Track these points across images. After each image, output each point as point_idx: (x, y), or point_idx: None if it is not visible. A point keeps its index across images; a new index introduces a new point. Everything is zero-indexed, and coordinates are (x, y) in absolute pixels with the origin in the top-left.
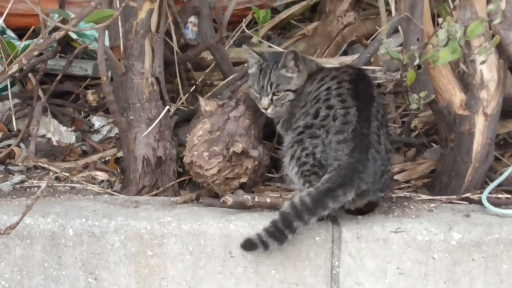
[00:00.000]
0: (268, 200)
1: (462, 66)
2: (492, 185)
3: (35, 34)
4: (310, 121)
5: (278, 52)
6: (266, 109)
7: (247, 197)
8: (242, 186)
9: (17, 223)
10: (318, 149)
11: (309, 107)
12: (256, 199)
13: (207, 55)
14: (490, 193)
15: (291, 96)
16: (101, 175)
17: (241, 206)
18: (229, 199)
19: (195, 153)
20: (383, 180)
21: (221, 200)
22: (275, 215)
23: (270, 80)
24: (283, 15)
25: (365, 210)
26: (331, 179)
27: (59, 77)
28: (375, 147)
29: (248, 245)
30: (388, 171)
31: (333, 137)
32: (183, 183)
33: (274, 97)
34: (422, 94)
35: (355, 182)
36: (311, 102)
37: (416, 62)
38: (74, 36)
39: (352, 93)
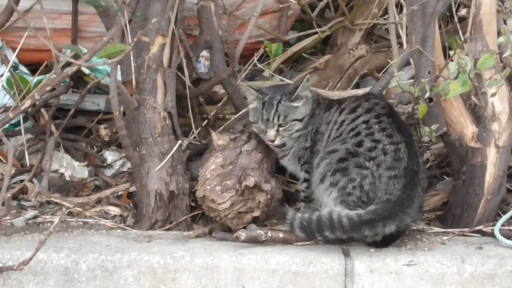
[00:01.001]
0: (281, 235)
1: (473, 98)
2: (505, 218)
3: (48, 69)
4: (353, 149)
5: (278, 85)
6: (272, 141)
7: (260, 232)
8: (254, 220)
9: (30, 259)
10: (367, 181)
11: (341, 137)
12: (269, 234)
13: (219, 89)
14: (502, 225)
15: (298, 125)
16: (114, 210)
17: (254, 241)
18: (242, 234)
19: (208, 187)
20: (420, 213)
21: (234, 236)
22: (288, 249)
23: (277, 112)
24: (295, 48)
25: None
26: (377, 211)
27: (71, 112)
28: (421, 184)
29: (281, 213)
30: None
31: (385, 172)
32: (196, 217)
33: (281, 128)
34: (434, 126)
35: (399, 217)
36: (344, 132)
37: (427, 95)
38: (86, 71)
39: (396, 127)
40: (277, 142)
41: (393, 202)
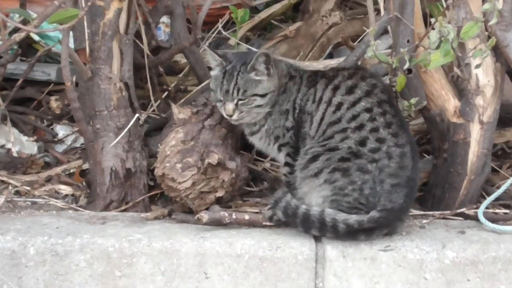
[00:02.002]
0: (247, 217)
1: (456, 70)
2: (489, 199)
3: None
4: (356, 148)
5: (243, 53)
6: (230, 116)
7: (224, 214)
8: (218, 201)
9: None
10: (367, 185)
11: (341, 124)
12: (234, 216)
13: (181, 58)
14: (486, 208)
15: (258, 101)
16: (65, 189)
17: (218, 224)
18: (205, 216)
19: (167, 164)
20: None
21: (196, 217)
22: (254, 232)
23: (237, 84)
24: (263, 14)
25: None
26: (379, 219)
27: (19, 82)
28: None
29: (271, 186)
30: None
31: (388, 179)
32: (155, 197)
33: (240, 102)
34: (413, 100)
35: (397, 224)
36: (344, 119)
37: (406, 65)
38: (36, 37)
39: (399, 122)
40: (235, 117)
41: (396, 211)
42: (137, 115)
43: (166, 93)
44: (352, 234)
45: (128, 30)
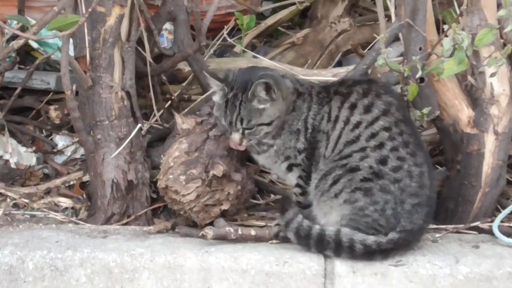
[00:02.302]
0: (253, 232)
1: (470, 78)
2: (504, 213)
3: None
4: (377, 167)
5: (246, 72)
6: (239, 145)
7: (229, 230)
8: (223, 214)
9: None
10: (389, 206)
11: (359, 142)
12: (240, 232)
13: (184, 66)
14: (501, 221)
15: (265, 129)
16: (65, 202)
17: (223, 239)
18: (209, 232)
19: (171, 176)
20: None
21: (200, 234)
22: (260, 246)
23: (239, 114)
24: (269, 21)
25: None
26: (399, 241)
27: (18, 91)
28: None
29: (282, 206)
30: None
31: (409, 199)
32: (157, 210)
33: (247, 131)
34: (425, 110)
35: (414, 245)
36: (362, 137)
37: (419, 74)
38: (35, 45)
39: (416, 141)
40: (243, 146)
41: (415, 232)
42: (139, 125)
43: (169, 102)
44: (369, 255)
45: (130, 37)
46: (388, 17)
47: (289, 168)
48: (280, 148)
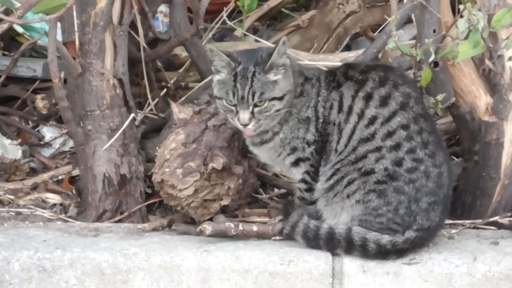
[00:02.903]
0: (255, 228)
1: (487, 63)
2: None
3: None
4: (392, 169)
5: (251, 51)
6: (246, 125)
7: (229, 225)
8: (223, 210)
9: None
10: (403, 205)
11: (374, 141)
12: (241, 227)
13: (181, 52)
14: None
15: (277, 105)
16: (53, 198)
17: (223, 236)
18: (208, 227)
19: (167, 170)
20: None
21: (198, 229)
22: (263, 244)
23: (252, 87)
24: (272, 2)
25: None
26: (415, 240)
27: (2, 79)
28: None
29: (285, 210)
30: None
31: (425, 197)
32: (152, 206)
33: (256, 109)
34: (440, 97)
35: (429, 242)
36: (378, 135)
37: (432, 58)
38: (20, 29)
39: (436, 138)
40: (250, 126)
41: (432, 229)
42: (132, 115)
43: (165, 90)
44: (383, 255)
45: (123, 20)
46: None
47: (296, 162)
48: (286, 137)
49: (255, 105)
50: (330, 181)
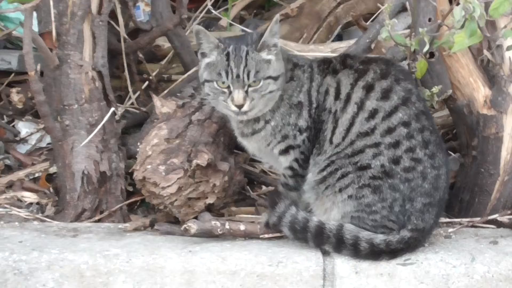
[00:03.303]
0: (243, 227)
1: (486, 53)
2: None
3: None
4: (389, 166)
5: (237, 36)
6: (241, 106)
7: (215, 224)
8: (208, 208)
9: None
10: (397, 203)
11: (373, 136)
12: (227, 226)
13: (164, 43)
14: None
15: (272, 85)
16: (29, 197)
17: (208, 235)
18: (193, 226)
19: (149, 167)
20: None
21: (183, 228)
22: (251, 244)
23: (247, 66)
24: None
25: None
26: (409, 240)
27: None
28: None
29: (272, 199)
30: None
31: (420, 198)
32: (134, 205)
33: (250, 89)
34: (436, 89)
35: (423, 243)
36: (378, 131)
37: (428, 48)
38: None
39: (437, 138)
40: (246, 107)
41: (426, 231)
42: (112, 109)
43: (147, 83)
44: (375, 255)
45: (102, 9)
46: None
47: (285, 150)
48: (277, 124)
49: (250, 85)
50: (324, 172)
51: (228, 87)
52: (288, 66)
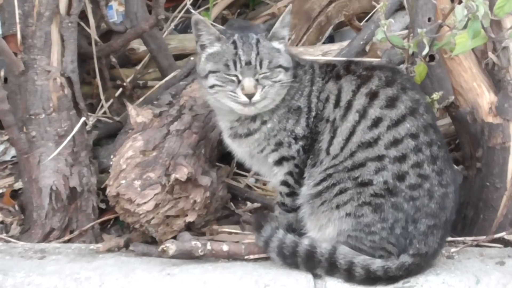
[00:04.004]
0: (226, 247)
1: (490, 55)
2: None
3: None
4: (392, 183)
5: (243, 26)
6: (252, 95)
7: (196, 244)
8: (188, 227)
9: None
10: (399, 225)
11: (376, 147)
12: (209, 247)
13: (139, 45)
14: None
15: (283, 75)
16: None
17: (189, 256)
18: (171, 246)
19: (123, 182)
20: None
21: (160, 249)
22: (235, 266)
23: (259, 54)
24: None
25: None
26: (409, 267)
27: None
28: None
29: (257, 223)
30: None
31: (424, 220)
32: (107, 224)
33: (261, 76)
34: (437, 95)
35: (425, 269)
36: (382, 142)
37: (427, 50)
38: None
39: (445, 153)
40: (258, 96)
41: (429, 255)
42: (83, 118)
43: (121, 90)
44: (371, 281)
45: (71, 10)
46: None
47: (279, 162)
48: (274, 128)
49: (263, 73)
50: (319, 186)
51: (236, 76)
52: (293, 63)
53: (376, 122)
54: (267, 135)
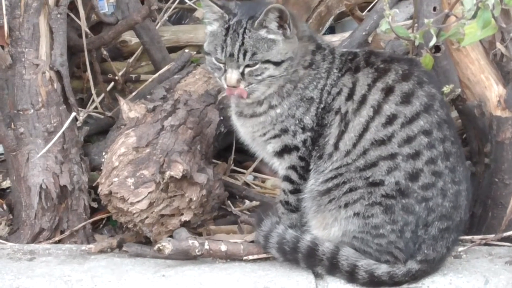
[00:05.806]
0: (224, 247)
1: (499, 46)
2: None
3: None
4: (405, 184)
5: (253, 3)
6: (233, 87)
7: (193, 243)
8: (184, 227)
9: None
10: (409, 228)
11: (390, 145)
12: (207, 246)
13: (131, 38)
14: None
15: (271, 70)
16: None
17: (185, 256)
18: (167, 246)
19: (116, 180)
20: None
21: (156, 248)
22: (233, 267)
23: (243, 45)
24: None
25: None
26: (416, 274)
27: None
28: None
29: (258, 217)
30: None
31: (437, 222)
32: (99, 223)
33: (247, 70)
34: (447, 88)
35: (431, 274)
36: (395, 140)
37: (433, 41)
38: None
39: (458, 149)
40: (241, 91)
41: (436, 261)
42: (73, 114)
43: (112, 84)
44: (375, 285)
45: (60, 0)
46: None
47: (280, 153)
48: (282, 113)
49: (247, 65)
50: (329, 183)
51: (224, 64)
52: (309, 47)
53: (391, 119)
54: (274, 119)
